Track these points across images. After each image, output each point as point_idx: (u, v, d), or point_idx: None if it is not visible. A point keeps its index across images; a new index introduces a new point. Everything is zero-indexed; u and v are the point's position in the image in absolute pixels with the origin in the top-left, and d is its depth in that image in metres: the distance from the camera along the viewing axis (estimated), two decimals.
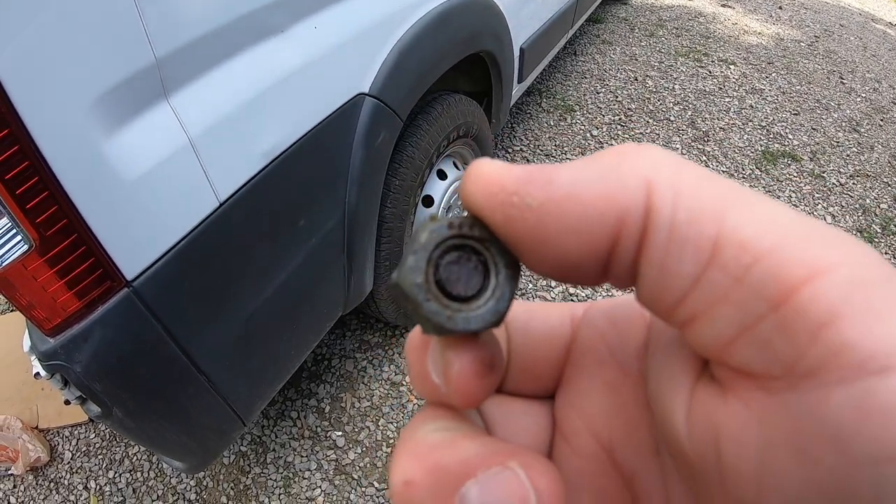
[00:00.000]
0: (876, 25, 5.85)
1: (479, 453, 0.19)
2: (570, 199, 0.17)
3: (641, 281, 0.18)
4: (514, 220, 0.18)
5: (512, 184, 0.18)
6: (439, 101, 1.85)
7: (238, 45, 1.10)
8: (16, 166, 0.80)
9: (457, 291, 0.20)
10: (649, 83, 4.01)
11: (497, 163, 0.19)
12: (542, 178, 0.18)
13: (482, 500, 0.18)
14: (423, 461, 0.19)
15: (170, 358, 1.10)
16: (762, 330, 0.15)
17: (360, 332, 2.34)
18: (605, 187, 0.17)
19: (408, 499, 0.19)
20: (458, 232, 0.20)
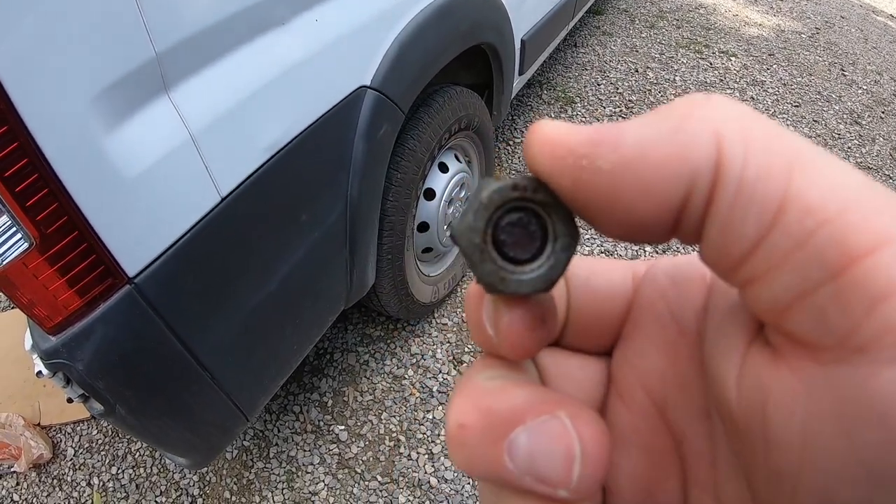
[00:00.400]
0: (877, 17, 5.83)
1: (528, 401, 0.19)
2: (643, 160, 0.17)
3: (706, 238, 0.17)
4: (585, 183, 0.17)
5: (581, 147, 0.17)
6: (440, 94, 1.84)
7: (239, 39, 1.09)
8: (15, 163, 0.80)
9: (513, 254, 0.20)
10: (650, 75, 4.00)
11: (561, 124, 0.19)
12: (611, 139, 0.17)
13: (530, 446, 0.18)
14: (477, 406, 0.20)
15: (172, 355, 1.10)
16: (819, 298, 0.15)
17: (362, 326, 2.33)
18: (678, 145, 0.16)
19: (461, 441, 0.20)
20: (521, 195, 0.20)
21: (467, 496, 1.83)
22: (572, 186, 0.18)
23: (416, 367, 2.19)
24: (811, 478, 0.15)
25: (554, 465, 0.18)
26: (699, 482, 0.22)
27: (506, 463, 0.18)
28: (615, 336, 0.26)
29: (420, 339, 2.29)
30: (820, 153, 0.16)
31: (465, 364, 2.19)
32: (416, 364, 2.20)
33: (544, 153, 0.18)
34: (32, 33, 0.77)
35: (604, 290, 0.25)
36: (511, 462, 0.18)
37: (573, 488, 0.18)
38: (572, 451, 0.18)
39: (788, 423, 0.16)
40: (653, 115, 0.17)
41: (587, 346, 0.26)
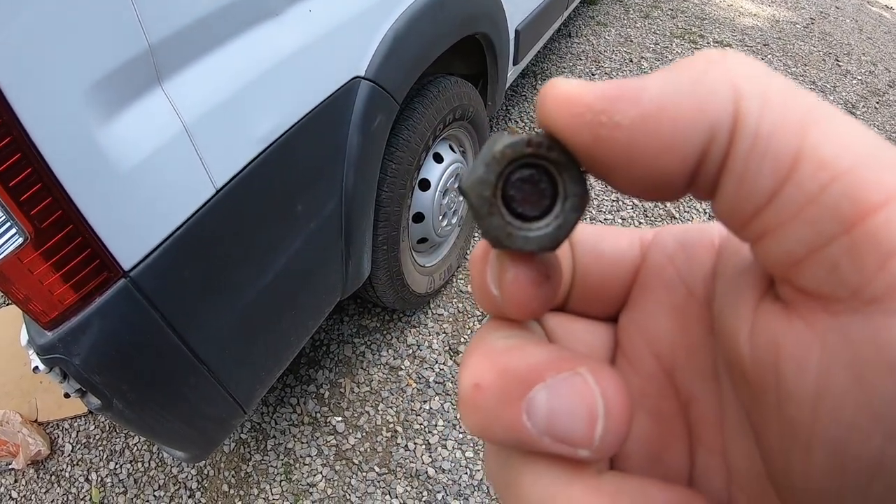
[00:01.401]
0: (871, 8, 5.83)
1: (548, 359, 0.19)
2: (663, 114, 0.16)
3: (721, 192, 0.17)
4: (604, 140, 0.17)
5: (599, 102, 0.17)
6: (435, 84, 1.84)
7: (232, 30, 1.08)
8: (8, 158, 0.79)
9: (521, 210, 0.20)
10: (644, 65, 3.99)
11: (575, 81, 0.18)
12: (630, 94, 0.17)
13: (550, 404, 0.18)
14: (493, 365, 0.19)
15: (169, 348, 1.10)
16: (832, 251, 0.15)
17: (357, 317, 2.33)
18: (697, 98, 0.16)
19: (477, 401, 0.19)
20: (534, 151, 0.19)
21: (464, 486, 1.84)
22: (591, 143, 0.18)
23: (412, 357, 2.19)
24: (825, 428, 0.15)
25: (576, 424, 0.18)
26: (706, 444, 0.23)
27: (524, 423, 0.18)
28: (621, 301, 0.26)
29: (416, 329, 2.29)
30: (834, 111, 0.16)
31: (461, 354, 2.19)
32: (413, 355, 2.20)
33: (560, 110, 0.18)
34: (25, 26, 0.77)
35: (611, 256, 0.25)
36: (529, 422, 0.18)
37: (596, 447, 0.18)
38: (595, 408, 0.18)
39: (802, 374, 0.16)
40: (670, 69, 0.17)
41: (593, 311, 0.27)
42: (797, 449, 0.16)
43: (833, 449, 0.15)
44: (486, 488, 1.83)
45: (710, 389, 0.23)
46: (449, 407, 2.04)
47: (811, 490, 0.17)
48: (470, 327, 2.29)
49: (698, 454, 0.23)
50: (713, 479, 0.22)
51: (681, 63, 0.17)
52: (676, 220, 2.78)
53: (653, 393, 0.24)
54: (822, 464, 0.16)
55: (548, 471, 0.19)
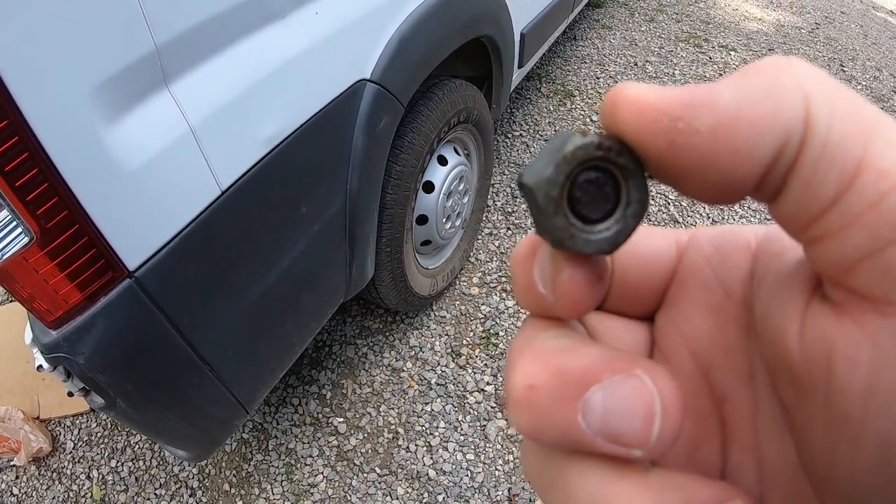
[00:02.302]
0: (877, 13, 5.82)
1: (603, 359, 0.19)
2: (739, 119, 0.16)
3: (785, 195, 0.17)
4: (680, 146, 0.17)
5: (676, 108, 0.17)
6: (440, 87, 1.84)
7: (238, 32, 1.09)
8: (15, 158, 0.79)
9: (584, 212, 0.20)
10: (649, 68, 3.99)
11: (646, 86, 0.18)
12: (706, 100, 0.17)
13: (606, 405, 0.18)
14: (547, 365, 0.19)
15: (173, 348, 1.10)
16: (887, 256, 0.16)
17: (360, 319, 2.34)
18: (771, 103, 0.16)
19: (531, 403, 0.19)
20: (604, 154, 0.19)
21: (465, 488, 1.84)
22: (665, 149, 0.18)
23: (414, 359, 2.20)
24: (874, 422, 0.16)
25: (633, 424, 0.18)
26: (739, 442, 0.23)
27: (579, 423, 0.18)
28: (657, 301, 0.26)
29: (418, 331, 2.29)
30: (894, 123, 0.16)
31: (463, 357, 2.20)
32: (415, 356, 2.21)
33: (635, 116, 0.18)
34: (32, 26, 0.77)
35: (648, 256, 0.26)
36: (584, 422, 0.18)
37: (651, 447, 0.18)
38: (653, 408, 0.18)
39: (853, 371, 0.16)
40: (741, 75, 0.17)
41: (629, 310, 0.27)
42: (845, 443, 0.17)
43: (881, 443, 0.16)
44: (486, 490, 1.84)
45: (746, 388, 0.23)
46: (450, 409, 2.04)
47: (856, 483, 0.17)
48: (472, 330, 2.30)
49: (731, 451, 0.24)
50: (745, 476, 0.23)
51: (749, 69, 0.17)
52: (679, 225, 2.78)
53: (689, 391, 0.24)
54: (869, 457, 0.16)
55: (597, 469, 0.19)
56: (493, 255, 2.59)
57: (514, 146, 3.18)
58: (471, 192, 2.30)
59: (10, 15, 0.75)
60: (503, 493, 1.83)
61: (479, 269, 2.52)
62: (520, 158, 3.09)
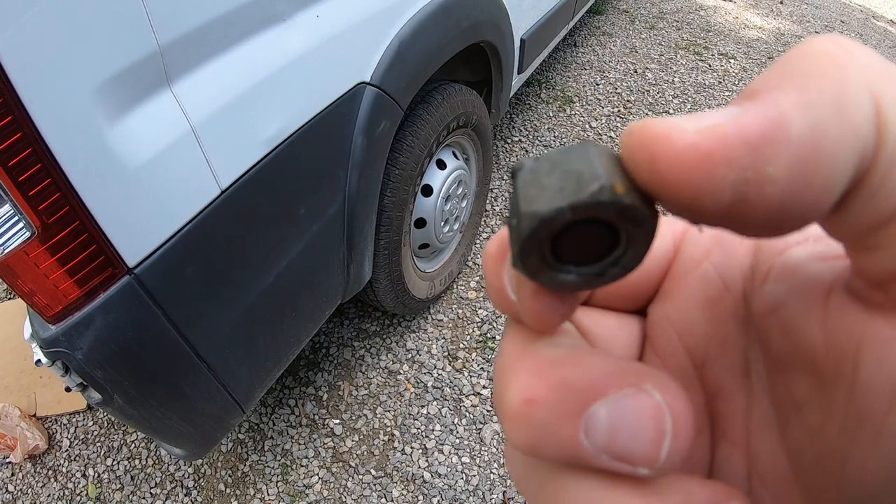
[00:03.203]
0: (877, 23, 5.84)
1: (609, 372, 0.18)
2: (820, 151, 0.14)
3: (843, 208, 0.15)
4: (751, 200, 0.14)
5: (742, 155, 0.14)
6: (439, 91, 1.85)
7: (240, 33, 1.10)
8: (19, 153, 0.80)
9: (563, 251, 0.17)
10: (649, 75, 4.01)
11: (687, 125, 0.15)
12: (776, 135, 0.14)
13: (612, 422, 0.17)
14: (548, 378, 0.18)
15: (171, 345, 1.11)
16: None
17: (357, 321, 2.34)
18: (846, 122, 0.14)
19: (530, 418, 0.18)
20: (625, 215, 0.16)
21: (460, 491, 1.84)
22: (731, 206, 0.14)
23: (411, 362, 2.20)
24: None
25: (641, 442, 0.17)
26: (730, 437, 0.23)
27: (581, 441, 0.17)
28: (651, 294, 0.26)
29: (415, 334, 2.30)
30: None
31: (459, 360, 2.21)
32: (412, 359, 2.21)
33: (687, 174, 0.14)
34: (37, 24, 0.78)
35: None
36: (587, 439, 0.17)
37: (659, 467, 0.17)
38: (663, 427, 0.17)
39: (881, 368, 0.16)
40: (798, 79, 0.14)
41: (620, 303, 0.26)
42: (862, 440, 0.16)
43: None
44: (481, 493, 1.84)
45: (739, 383, 0.22)
46: (446, 412, 2.05)
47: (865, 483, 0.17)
48: (469, 333, 2.30)
49: (721, 446, 0.23)
50: (734, 470, 0.22)
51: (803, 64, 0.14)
52: None
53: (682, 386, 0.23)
54: (884, 457, 0.16)
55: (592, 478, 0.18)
56: None
57: (513, 151, 3.19)
58: (469, 197, 2.31)
59: (16, 13, 0.76)
60: (498, 497, 1.84)
61: (476, 274, 2.53)
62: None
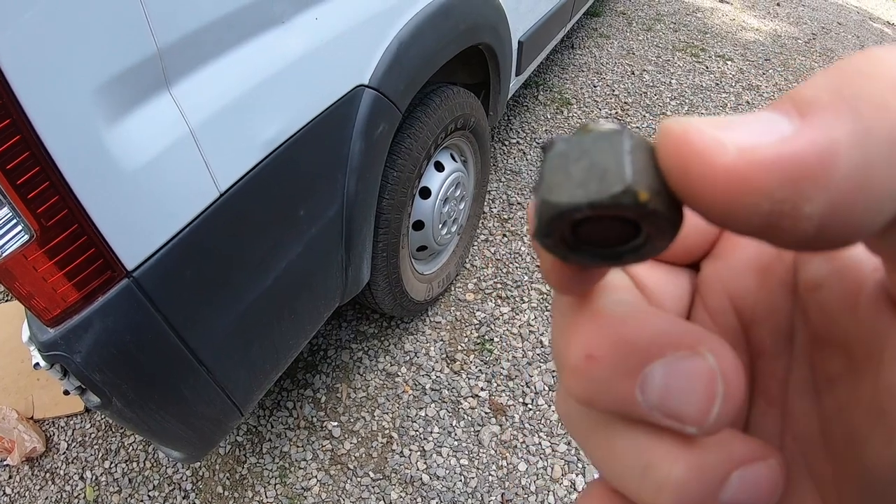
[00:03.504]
0: (874, 24, 5.86)
1: (668, 333, 0.18)
2: (860, 194, 0.13)
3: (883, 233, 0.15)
4: (782, 230, 0.14)
5: (779, 187, 0.13)
6: (437, 94, 1.85)
7: (239, 36, 1.10)
8: (17, 156, 0.80)
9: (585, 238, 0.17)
10: (646, 77, 4.01)
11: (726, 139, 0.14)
12: (819, 171, 0.13)
13: (667, 382, 0.17)
14: (609, 335, 0.19)
15: (169, 348, 1.11)
16: None
17: (356, 323, 2.34)
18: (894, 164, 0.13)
19: (590, 374, 0.18)
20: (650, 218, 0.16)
21: (459, 493, 1.84)
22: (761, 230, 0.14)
23: (409, 364, 2.20)
24: None
25: (692, 404, 0.17)
26: (768, 396, 0.23)
27: (636, 397, 0.18)
28: (705, 251, 0.26)
29: (413, 336, 2.29)
30: None
31: (457, 362, 2.21)
32: (410, 362, 2.21)
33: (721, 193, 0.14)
34: (36, 26, 0.78)
35: None
36: (642, 396, 0.18)
37: (707, 427, 0.17)
38: (714, 390, 0.17)
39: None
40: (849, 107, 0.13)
41: (674, 258, 0.26)
42: (879, 433, 0.17)
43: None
44: (480, 496, 1.84)
45: (783, 347, 0.23)
46: (444, 414, 2.05)
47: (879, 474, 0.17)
48: (467, 335, 2.30)
49: (758, 403, 0.23)
50: (769, 426, 0.23)
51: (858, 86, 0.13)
52: None
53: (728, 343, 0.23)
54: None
55: (644, 434, 0.18)
56: (488, 261, 2.59)
57: (511, 153, 3.19)
58: (467, 199, 2.31)
59: (15, 15, 0.76)
60: (496, 499, 1.84)
61: (474, 276, 2.53)
62: (516, 166, 3.10)
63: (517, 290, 2.48)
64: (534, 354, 2.24)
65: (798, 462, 0.21)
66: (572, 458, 1.93)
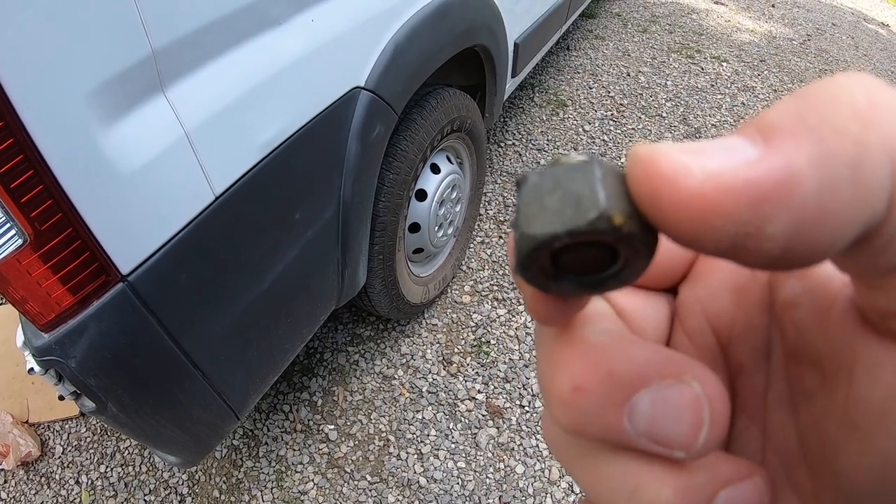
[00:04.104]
0: (868, 25, 5.88)
1: (653, 362, 0.19)
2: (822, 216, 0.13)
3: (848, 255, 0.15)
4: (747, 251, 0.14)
5: (743, 211, 0.13)
6: (433, 96, 1.85)
7: (235, 38, 1.09)
8: (11, 160, 0.79)
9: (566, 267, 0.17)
10: (641, 79, 4.02)
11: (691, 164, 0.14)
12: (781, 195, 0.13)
13: (654, 410, 0.18)
14: (596, 366, 0.19)
15: (165, 352, 1.10)
16: None
17: (352, 326, 2.33)
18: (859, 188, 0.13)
19: (578, 406, 0.19)
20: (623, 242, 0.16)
21: (456, 496, 1.84)
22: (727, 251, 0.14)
23: (405, 367, 2.20)
24: (884, 440, 0.16)
25: (680, 430, 0.18)
26: (748, 412, 0.24)
27: (624, 426, 0.18)
28: (682, 275, 0.26)
29: (410, 339, 2.29)
30: None
31: (454, 365, 2.20)
32: (406, 364, 2.21)
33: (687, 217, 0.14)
34: (30, 29, 0.77)
35: None
36: (630, 425, 0.18)
37: (695, 452, 0.18)
38: (701, 416, 0.18)
39: (873, 387, 0.16)
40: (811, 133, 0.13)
41: (652, 283, 0.27)
42: (852, 444, 0.17)
43: (885, 460, 0.16)
44: (477, 498, 1.84)
45: (761, 364, 0.23)
46: (441, 417, 2.04)
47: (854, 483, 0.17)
48: (464, 338, 2.30)
49: (739, 420, 0.24)
50: (750, 443, 0.23)
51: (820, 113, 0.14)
52: None
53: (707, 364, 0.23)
54: (870, 466, 0.17)
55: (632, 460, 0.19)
56: (484, 263, 2.59)
57: (507, 155, 3.19)
58: (463, 201, 2.31)
59: (8, 17, 0.75)
60: (494, 501, 1.83)
61: (470, 278, 2.53)
62: (512, 167, 3.10)
63: (513, 292, 2.48)
64: (530, 356, 2.24)
65: (780, 476, 0.22)
66: None
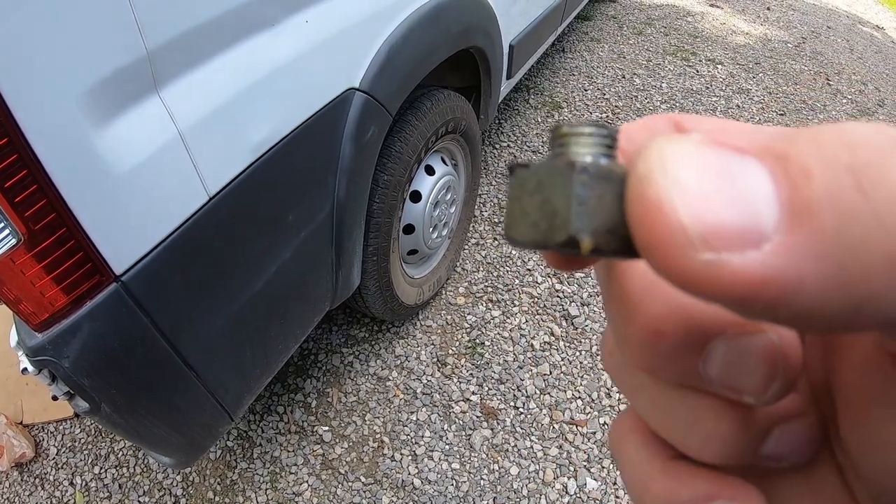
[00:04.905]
0: (863, 28, 5.90)
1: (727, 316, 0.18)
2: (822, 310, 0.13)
3: None
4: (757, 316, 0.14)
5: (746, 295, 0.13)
6: (428, 97, 1.85)
7: (230, 38, 1.09)
8: (4, 159, 0.79)
9: None
10: (637, 81, 4.03)
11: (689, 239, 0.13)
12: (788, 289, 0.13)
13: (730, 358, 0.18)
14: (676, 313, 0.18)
15: (158, 353, 1.10)
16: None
17: (346, 327, 2.34)
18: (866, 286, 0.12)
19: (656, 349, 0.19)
20: None
21: (450, 497, 1.84)
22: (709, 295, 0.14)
23: (400, 368, 2.20)
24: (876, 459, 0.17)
25: (753, 380, 0.18)
26: None
27: (699, 370, 0.18)
28: None
29: (404, 340, 2.29)
30: None
31: (448, 366, 2.20)
32: (401, 366, 2.21)
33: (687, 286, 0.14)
34: (24, 29, 0.77)
35: None
36: (704, 370, 0.18)
37: (766, 399, 0.18)
38: (776, 369, 0.18)
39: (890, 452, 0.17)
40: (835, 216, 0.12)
41: None
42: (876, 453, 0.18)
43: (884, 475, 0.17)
44: (471, 500, 1.84)
45: None
46: (436, 418, 2.05)
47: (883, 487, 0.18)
48: (458, 339, 2.30)
49: None
50: None
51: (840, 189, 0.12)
52: None
53: None
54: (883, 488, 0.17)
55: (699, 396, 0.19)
56: (479, 265, 2.59)
57: (502, 157, 3.20)
58: (458, 202, 2.31)
59: (3, 17, 0.75)
60: (488, 503, 1.84)
61: (465, 279, 2.53)
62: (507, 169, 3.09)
63: (508, 293, 2.48)
64: (525, 358, 2.24)
65: None
66: (564, 461, 1.93)
